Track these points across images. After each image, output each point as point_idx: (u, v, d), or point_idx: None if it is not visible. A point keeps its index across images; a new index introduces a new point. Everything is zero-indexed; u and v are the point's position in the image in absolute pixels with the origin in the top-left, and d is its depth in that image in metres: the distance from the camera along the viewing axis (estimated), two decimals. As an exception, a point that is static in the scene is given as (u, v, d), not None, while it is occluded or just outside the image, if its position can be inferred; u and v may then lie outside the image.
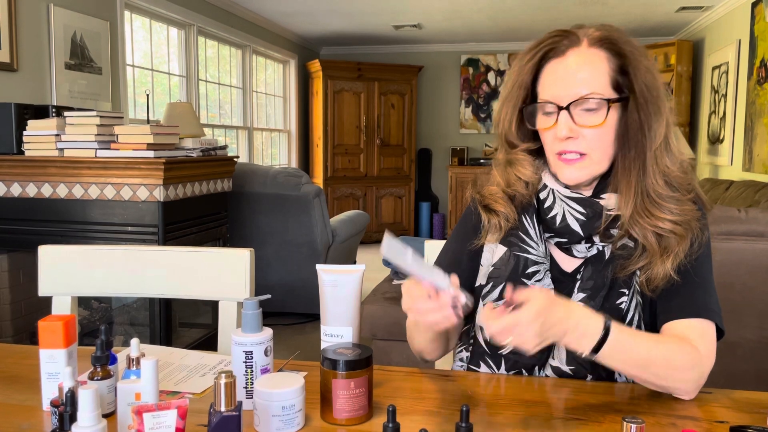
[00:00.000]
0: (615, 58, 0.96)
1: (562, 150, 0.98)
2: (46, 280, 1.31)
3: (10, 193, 2.66)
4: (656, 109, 0.95)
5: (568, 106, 0.95)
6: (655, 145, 0.95)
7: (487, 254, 1.07)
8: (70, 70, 3.41)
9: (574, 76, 0.96)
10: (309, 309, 3.78)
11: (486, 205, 1.07)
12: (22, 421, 0.85)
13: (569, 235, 1.01)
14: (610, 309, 0.97)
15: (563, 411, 0.89)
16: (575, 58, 0.97)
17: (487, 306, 0.86)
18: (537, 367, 1.02)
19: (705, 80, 5.74)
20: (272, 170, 3.81)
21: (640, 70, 0.95)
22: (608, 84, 0.96)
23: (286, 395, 0.82)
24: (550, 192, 1.03)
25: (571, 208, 1.01)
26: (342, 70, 6.74)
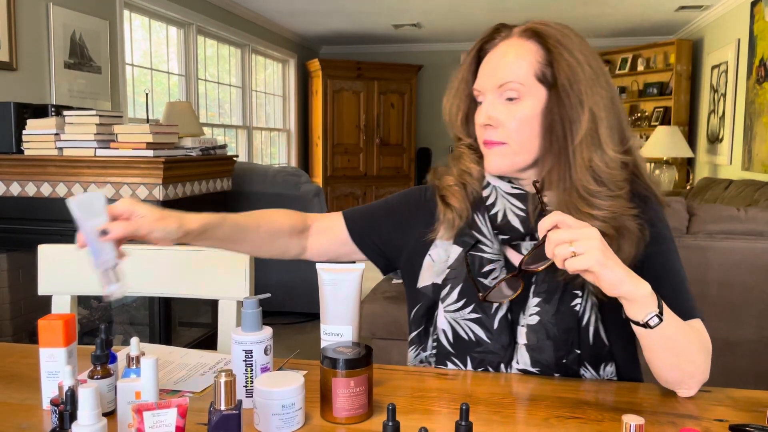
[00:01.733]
0: (542, 50, 0.96)
1: (484, 139, 1.00)
2: (45, 279, 1.31)
3: (9, 193, 2.66)
4: (578, 102, 0.93)
5: (490, 94, 0.97)
6: (578, 140, 0.93)
7: (439, 251, 1.06)
8: (69, 69, 3.41)
9: (500, 65, 0.97)
10: (308, 308, 3.78)
11: (443, 196, 1.07)
12: (21, 420, 0.85)
13: (511, 231, 1.00)
14: (566, 312, 0.97)
15: (563, 409, 0.89)
16: (504, 48, 0.99)
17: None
18: (503, 365, 1.02)
19: (704, 79, 5.75)
20: (271, 170, 3.81)
21: (562, 66, 0.94)
22: (532, 74, 0.96)
23: (286, 394, 0.82)
24: (492, 189, 1.03)
25: (511, 205, 1.00)
26: (341, 70, 6.74)
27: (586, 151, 0.94)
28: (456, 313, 1.03)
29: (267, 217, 1.09)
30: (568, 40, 0.96)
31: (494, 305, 1.01)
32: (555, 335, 0.98)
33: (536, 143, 0.97)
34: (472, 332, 1.02)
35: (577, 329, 0.98)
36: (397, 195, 1.17)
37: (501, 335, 1.01)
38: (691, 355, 0.91)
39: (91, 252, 0.86)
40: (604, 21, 6.00)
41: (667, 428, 0.83)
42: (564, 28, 0.98)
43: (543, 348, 0.98)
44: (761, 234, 2.11)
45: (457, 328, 1.03)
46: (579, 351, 0.99)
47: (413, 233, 1.10)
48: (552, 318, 0.98)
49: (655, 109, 6.33)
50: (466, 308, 1.02)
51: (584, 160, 0.94)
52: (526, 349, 1.00)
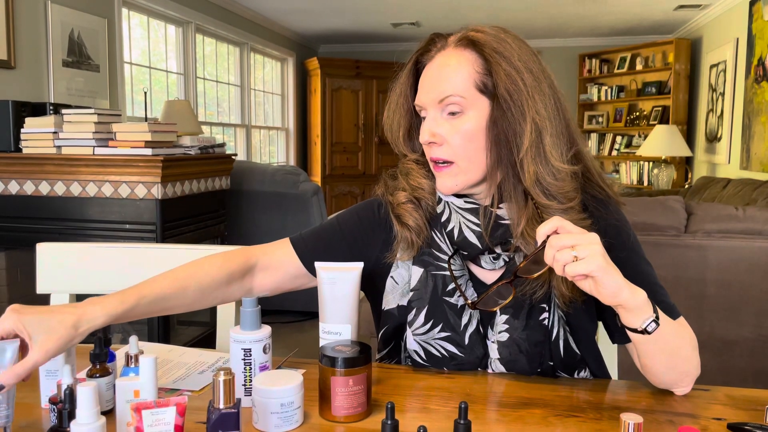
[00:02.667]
0: (481, 60, 0.92)
1: (431, 157, 0.96)
2: (44, 278, 1.31)
3: (7, 191, 2.65)
4: (520, 113, 0.89)
5: (432, 110, 0.93)
6: (522, 152, 0.89)
7: (401, 272, 1.02)
8: (67, 68, 3.40)
9: (438, 78, 0.93)
10: (307, 307, 3.78)
11: (398, 215, 1.01)
12: (20, 419, 0.85)
13: (469, 247, 0.97)
14: (534, 326, 0.96)
15: (561, 408, 0.89)
16: (441, 60, 0.94)
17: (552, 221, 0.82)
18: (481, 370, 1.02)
19: (703, 78, 5.75)
20: (270, 168, 3.81)
21: (500, 75, 0.89)
22: (472, 86, 0.91)
23: (284, 392, 0.82)
24: (445, 204, 0.99)
25: (466, 220, 0.97)
26: (340, 68, 6.74)
27: (531, 165, 0.89)
28: (425, 335, 1.00)
29: (196, 276, 0.99)
30: (505, 47, 0.91)
31: (462, 322, 0.98)
32: (527, 349, 0.97)
33: (484, 157, 0.93)
34: (445, 350, 1.00)
35: (548, 342, 0.97)
36: (348, 214, 1.10)
37: (473, 348, 1.00)
38: (686, 354, 0.91)
39: None
40: (603, 20, 6.00)
41: (665, 427, 0.84)
42: (500, 32, 0.93)
43: (516, 361, 0.98)
44: (759, 233, 2.11)
45: (428, 348, 1.01)
46: (552, 363, 0.99)
47: (372, 253, 1.05)
48: (522, 333, 0.96)
49: (653, 108, 6.33)
50: (435, 328, 0.99)
51: (531, 173, 0.89)
52: (499, 362, 0.99)
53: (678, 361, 0.91)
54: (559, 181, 0.90)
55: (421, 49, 0.99)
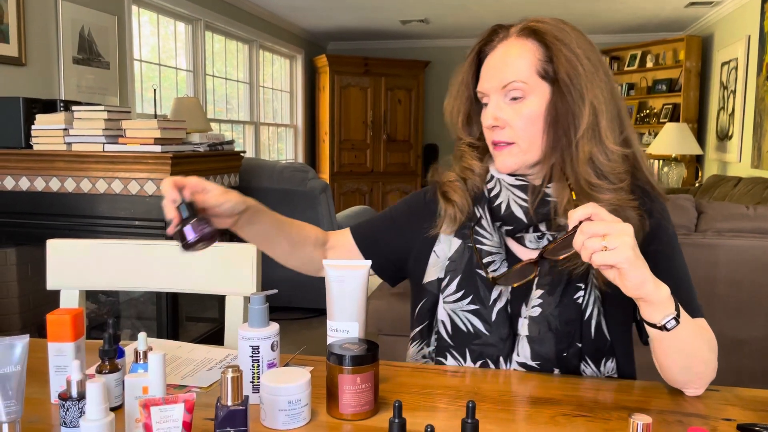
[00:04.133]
0: (542, 48, 0.97)
1: (492, 139, 1.01)
2: (54, 274, 1.32)
3: (18, 187, 2.67)
4: (579, 96, 0.94)
5: (494, 95, 0.98)
6: (580, 133, 0.94)
7: (443, 246, 1.08)
8: (78, 65, 3.42)
9: (501, 66, 0.98)
10: (315, 304, 3.79)
11: (444, 192, 1.09)
12: (30, 414, 0.86)
13: (514, 222, 1.02)
14: (568, 304, 0.98)
15: (570, 408, 0.89)
16: (504, 49, 0.99)
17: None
18: (502, 358, 1.02)
19: (714, 76, 5.71)
20: (279, 165, 3.81)
21: (561, 61, 0.95)
22: (534, 72, 0.96)
23: (292, 390, 0.82)
24: (496, 181, 1.04)
25: (515, 195, 1.01)
26: (349, 65, 6.73)
27: (587, 145, 0.94)
28: (455, 304, 1.04)
29: (297, 225, 1.13)
30: (565, 35, 0.96)
31: (492, 297, 1.02)
32: (557, 327, 0.98)
33: (542, 139, 0.98)
34: (471, 324, 1.03)
35: (579, 322, 0.99)
36: (399, 204, 1.20)
37: (499, 327, 1.02)
38: (703, 356, 0.91)
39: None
40: (613, 17, 5.97)
41: (674, 427, 0.83)
42: (560, 23, 0.99)
43: (544, 340, 0.99)
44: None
45: (455, 320, 1.04)
46: (580, 345, 0.99)
47: (418, 237, 1.12)
48: (554, 310, 0.99)
49: (663, 105, 6.29)
50: (465, 299, 1.03)
51: (585, 153, 0.94)
52: (527, 341, 1.00)
53: (695, 362, 0.91)
54: (611, 162, 0.95)
55: (484, 40, 1.03)
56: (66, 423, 0.79)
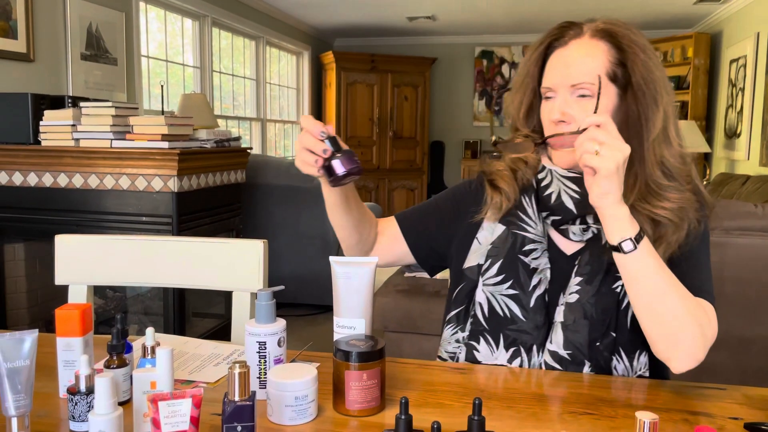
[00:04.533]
0: (614, 51, 0.99)
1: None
2: (62, 269, 1.33)
3: (26, 183, 2.69)
4: (653, 101, 0.97)
5: (563, 92, 0.99)
6: (653, 136, 0.97)
7: (485, 233, 1.10)
8: (85, 61, 3.43)
9: (572, 64, 0.99)
10: (321, 300, 3.80)
11: (492, 180, 1.11)
12: (38, 408, 0.86)
13: (563, 212, 1.04)
14: (606, 293, 1.00)
15: (576, 405, 0.89)
16: (575, 47, 1.01)
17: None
18: (535, 347, 1.03)
19: (722, 73, 5.67)
20: (285, 162, 3.82)
21: (637, 65, 0.97)
22: (604, 74, 0.98)
23: (299, 386, 0.82)
24: (548, 172, 1.06)
25: (566, 187, 1.03)
26: (355, 62, 6.73)
27: (658, 148, 0.97)
28: (494, 287, 1.06)
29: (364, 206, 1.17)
30: (638, 39, 0.99)
31: (532, 283, 1.04)
32: (592, 315, 1.00)
33: None
34: (508, 308, 1.05)
35: (615, 311, 1.00)
36: (444, 192, 1.22)
37: (536, 314, 1.03)
38: (675, 308, 0.90)
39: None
40: (621, 14, 5.93)
41: (681, 426, 0.83)
42: (629, 26, 1.01)
43: (578, 327, 1.00)
44: (779, 231, 2.08)
45: (493, 303, 1.06)
46: (615, 334, 1.00)
47: (462, 224, 1.14)
48: (591, 298, 1.00)
49: (671, 103, 6.25)
50: (505, 284, 1.05)
51: (656, 156, 0.97)
52: (561, 328, 1.01)
53: (663, 312, 0.90)
54: (681, 164, 0.99)
55: (554, 35, 1.04)
56: (74, 417, 0.80)
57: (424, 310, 2.44)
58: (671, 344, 0.91)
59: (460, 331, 1.10)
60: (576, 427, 0.82)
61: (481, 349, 1.06)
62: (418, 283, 2.60)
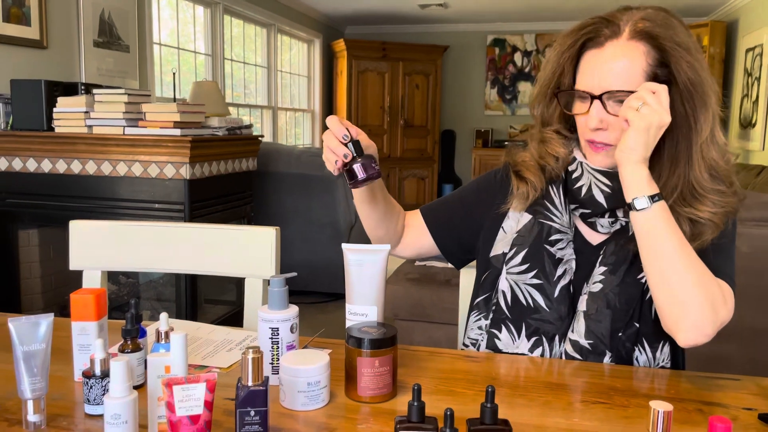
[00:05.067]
0: (655, 52, 0.94)
1: (591, 138, 1.00)
2: (76, 255, 1.34)
3: (40, 169, 2.70)
4: (702, 102, 0.94)
5: (601, 96, 0.95)
6: (702, 138, 0.94)
7: (511, 222, 1.10)
8: (98, 48, 3.44)
9: (609, 69, 0.95)
10: (331, 288, 3.81)
11: (517, 171, 1.10)
12: (54, 392, 0.87)
13: (593, 206, 1.02)
14: (630, 283, 1.00)
15: (588, 394, 0.89)
16: (612, 50, 0.95)
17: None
18: (558, 336, 1.03)
19: (738, 62, 5.60)
20: (296, 150, 3.82)
21: (682, 67, 0.93)
22: (643, 78, 0.94)
23: (311, 372, 0.83)
24: (579, 165, 1.04)
25: (597, 180, 1.02)
26: (367, 50, 6.70)
27: (706, 150, 0.95)
28: (518, 276, 1.05)
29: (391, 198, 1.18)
30: (680, 37, 0.94)
31: (557, 273, 1.03)
32: (615, 305, 0.99)
33: None
34: (531, 297, 1.04)
35: (639, 301, 0.99)
36: (468, 184, 1.22)
37: (560, 305, 1.03)
38: (685, 275, 0.89)
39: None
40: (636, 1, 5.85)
41: (694, 416, 0.83)
42: (666, 18, 0.96)
43: (601, 317, 0.99)
44: (794, 222, 2.05)
45: (516, 291, 1.05)
46: (638, 325, 0.99)
47: (488, 215, 1.14)
48: (615, 288, 1.00)
49: (686, 92, 6.18)
50: (529, 273, 1.05)
51: (705, 158, 0.95)
52: (583, 317, 1.01)
53: (671, 277, 0.89)
54: (727, 164, 0.97)
55: (589, 33, 0.98)
56: (90, 400, 0.81)
57: (434, 298, 2.44)
58: (679, 313, 0.90)
59: (483, 318, 1.10)
60: (588, 415, 0.82)
61: (502, 337, 1.06)
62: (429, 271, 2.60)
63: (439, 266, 2.65)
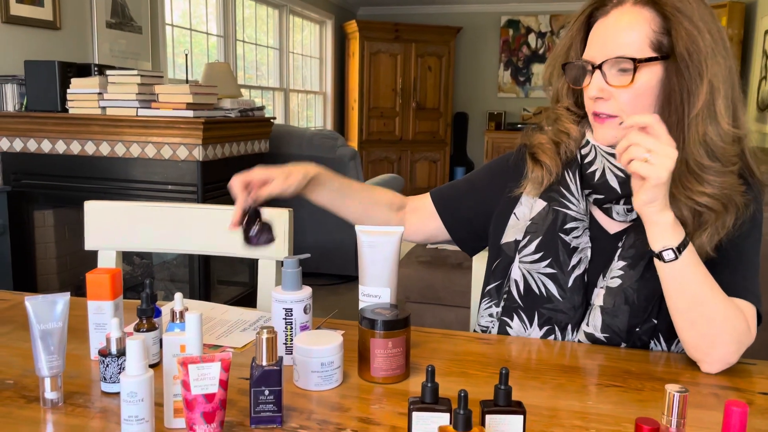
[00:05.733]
0: (659, 19, 0.91)
1: (594, 110, 0.97)
2: (92, 235, 1.35)
3: (55, 150, 2.72)
4: (697, 73, 0.89)
5: (601, 65, 0.93)
6: (694, 112, 0.90)
7: (524, 209, 1.07)
8: (110, 29, 3.44)
9: (612, 36, 0.93)
10: (343, 270, 3.82)
11: (533, 153, 1.07)
12: (70, 370, 0.88)
13: (607, 191, 0.99)
14: (650, 278, 0.96)
15: (602, 377, 0.88)
16: (616, 17, 0.94)
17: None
18: (570, 326, 1.01)
19: (756, 44, 5.50)
20: (308, 132, 3.81)
21: (681, 34, 0.89)
22: (647, 45, 0.91)
23: (325, 352, 0.83)
24: (592, 148, 1.01)
25: (611, 165, 0.98)
26: (379, 31, 6.65)
27: (701, 125, 0.90)
28: (531, 265, 1.03)
29: (368, 188, 1.19)
30: (685, 5, 0.90)
31: (571, 263, 1.01)
32: (634, 301, 0.97)
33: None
34: (545, 287, 1.02)
35: (659, 298, 0.96)
36: (481, 168, 1.20)
37: (574, 295, 1.01)
38: (710, 314, 0.88)
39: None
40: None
41: (709, 399, 0.82)
42: None
43: (618, 313, 0.98)
44: (812, 206, 2.03)
45: (529, 280, 1.03)
46: (656, 321, 0.98)
47: (500, 199, 1.12)
48: (634, 283, 0.97)
49: (703, 75, 6.09)
50: (543, 262, 1.02)
51: (699, 133, 0.90)
52: (600, 312, 0.99)
53: (697, 317, 0.88)
54: (725, 143, 0.91)
55: (596, 3, 0.97)
56: (106, 378, 0.82)
57: (446, 281, 2.44)
58: (704, 350, 0.90)
59: (494, 306, 1.08)
60: (602, 398, 0.82)
61: (514, 325, 1.05)
62: (441, 254, 2.60)
63: (450, 249, 2.65)
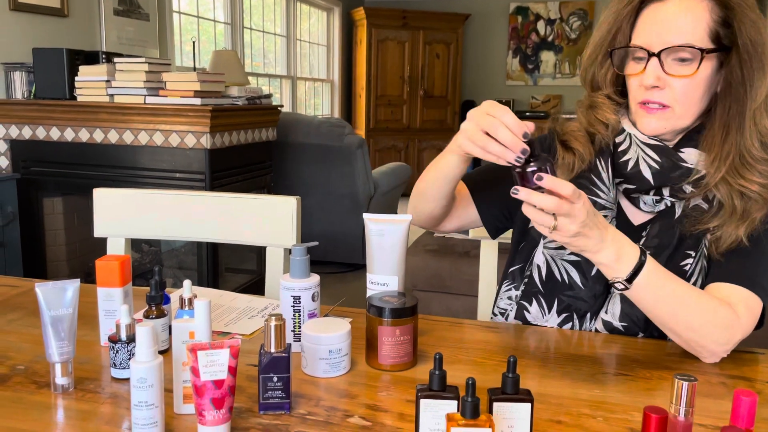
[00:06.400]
0: (718, 9, 0.90)
1: (645, 99, 0.94)
2: (101, 222, 1.35)
3: (63, 138, 2.73)
4: (760, 65, 0.89)
5: (659, 53, 0.91)
6: (756, 104, 0.90)
7: None
8: (118, 17, 3.43)
9: (671, 24, 0.91)
10: (350, 258, 3.83)
11: (564, 141, 1.04)
12: (81, 356, 0.89)
13: (639, 181, 0.98)
14: (673, 269, 0.94)
15: (610, 366, 0.88)
16: (675, 4, 0.91)
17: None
18: (589, 314, 1.01)
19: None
20: (316, 120, 3.81)
21: (746, 24, 0.88)
22: (706, 35, 0.90)
23: (333, 339, 0.83)
24: (627, 136, 0.99)
25: (645, 155, 0.97)
26: (387, 18, 6.61)
27: (758, 116, 0.90)
28: (555, 251, 1.03)
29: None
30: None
31: None
32: None
33: (698, 107, 0.94)
34: (567, 274, 1.02)
35: None
36: None
37: (596, 283, 1.00)
38: (686, 322, 0.87)
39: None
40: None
41: (718, 389, 0.82)
42: None
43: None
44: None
45: (552, 266, 1.03)
46: None
47: None
48: None
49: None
50: (567, 249, 1.00)
51: (757, 125, 0.90)
52: (620, 300, 0.98)
53: (678, 329, 0.87)
54: None
55: None
56: (116, 364, 0.83)
57: (453, 270, 2.45)
58: (695, 348, 0.90)
59: (514, 288, 1.08)
60: (609, 387, 0.82)
61: (532, 310, 1.04)
62: (448, 243, 2.60)
63: (457, 237, 2.65)
